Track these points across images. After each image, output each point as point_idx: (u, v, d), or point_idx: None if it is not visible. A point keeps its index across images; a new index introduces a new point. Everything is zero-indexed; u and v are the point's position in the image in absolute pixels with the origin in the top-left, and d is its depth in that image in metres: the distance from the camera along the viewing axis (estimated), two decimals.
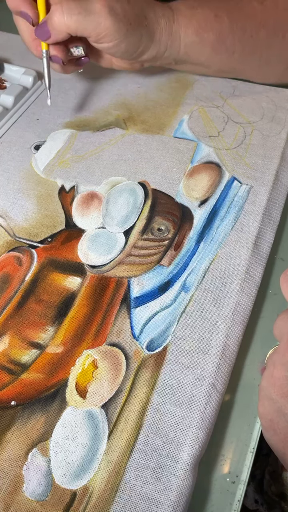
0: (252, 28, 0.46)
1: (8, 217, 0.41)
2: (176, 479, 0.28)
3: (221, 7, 0.45)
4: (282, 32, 0.47)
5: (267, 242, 0.40)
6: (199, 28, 0.45)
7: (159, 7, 0.44)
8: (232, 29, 0.46)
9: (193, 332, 0.34)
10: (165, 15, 0.44)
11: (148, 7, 0.44)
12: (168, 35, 0.45)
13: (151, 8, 0.44)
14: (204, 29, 0.45)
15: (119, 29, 0.41)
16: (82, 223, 0.41)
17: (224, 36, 0.46)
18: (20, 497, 0.28)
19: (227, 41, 0.46)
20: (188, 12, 0.45)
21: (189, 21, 0.45)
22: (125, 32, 0.42)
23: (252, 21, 0.46)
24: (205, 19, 0.45)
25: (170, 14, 0.45)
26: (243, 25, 0.46)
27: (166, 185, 0.44)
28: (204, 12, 0.45)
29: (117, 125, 0.50)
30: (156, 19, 0.44)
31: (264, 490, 0.40)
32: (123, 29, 0.42)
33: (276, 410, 0.26)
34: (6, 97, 0.51)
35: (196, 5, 0.45)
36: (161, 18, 0.44)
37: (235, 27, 0.46)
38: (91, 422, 0.30)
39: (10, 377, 0.32)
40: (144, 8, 0.43)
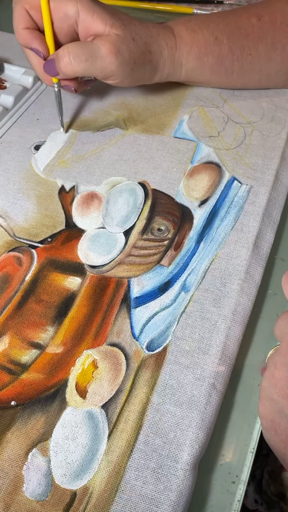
0: (250, 46, 0.47)
1: (8, 217, 0.41)
2: (176, 479, 0.28)
3: (220, 29, 0.46)
4: (281, 45, 0.47)
5: (267, 242, 0.40)
6: (199, 53, 0.46)
7: (162, 37, 0.45)
8: (231, 49, 0.47)
9: (193, 332, 0.34)
10: (168, 45, 0.45)
11: (152, 40, 0.44)
12: (170, 64, 0.46)
13: (154, 40, 0.44)
14: (204, 54, 0.46)
15: (124, 70, 0.43)
16: (82, 223, 0.41)
17: (223, 58, 0.47)
18: (20, 497, 0.28)
19: (226, 62, 0.47)
20: (189, 38, 0.46)
21: (190, 47, 0.46)
22: (129, 72, 0.44)
23: (251, 38, 0.47)
24: (205, 43, 0.46)
25: (173, 43, 0.45)
26: (241, 44, 0.47)
27: (166, 185, 0.44)
28: (205, 36, 0.46)
29: (117, 125, 0.50)
30: (159, 50, 0.45)
31: (264, 490, 0.40)
32: (128, 69, 0.43)
33: (277, 411, 0.26)
34: (6, 97, 0.51)
35: (197, 29, 0.46)
36: (164, 49, 0.45)
37: (234, 47, 0.46)
38: (91, 422, 0.30)
39: (10, 377, 0.32)
40: (148, 43, 0.44)
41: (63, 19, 0.42)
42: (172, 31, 0.46)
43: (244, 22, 0.47)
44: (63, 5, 0.41)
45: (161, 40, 0.45)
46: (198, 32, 0.46)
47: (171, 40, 0.45)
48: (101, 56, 0.41)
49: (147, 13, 0.69)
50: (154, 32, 0.45)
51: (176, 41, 0.46)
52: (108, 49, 0.41)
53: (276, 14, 0.47)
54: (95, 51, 0.41)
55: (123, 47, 0.42)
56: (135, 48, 0.43)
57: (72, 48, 0.41)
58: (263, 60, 0.48)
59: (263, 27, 0.46)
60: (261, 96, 0.52)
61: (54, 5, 0.41)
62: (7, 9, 0.43)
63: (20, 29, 0.43)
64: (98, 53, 0.41)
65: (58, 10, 0.41)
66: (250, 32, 0.46)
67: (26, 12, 0.42)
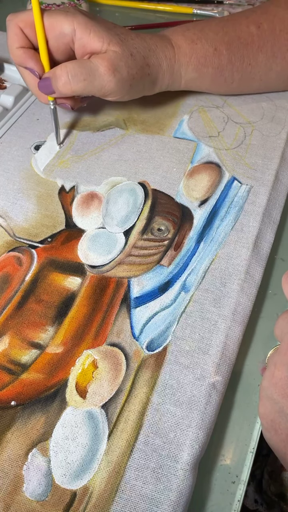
0: (250, 56, 0.46)
1: (8, 217, 0.41)
2: (176, 479, 0.28)
3: (220, 39, 0.45)
4: (281, 53, 0.47)
5: (267, 242, 0.40)
6: (198, 64, 0.46)
7: (160, 49, 0.44)
8: (231, 60, 0.46)
9: (193, 332, 0.34)
10: (167, 56, 0.44)
11: (150, 53, 0.43)
12: (170, 75, 0.46)
13: (153, 53, 0.43)
14: (204, 65, 0.46)
15: (123, 87, 0.42)
16: (82, 223, 0.41)
17: (223, 69, 0.47)
18: (20, 497, 0.28)
19: (226, 73, 0.47)
20: (188, 49, 0.45)
21: (189, 59, 0.45)
22: (128, 88, 0.43)
23: (251, 48, 0.46)
24: (204, 54, 0.45)
25: (172, 54, 0.45)
26: (241, 55, 0.46)
27: (166, 185, 0.44)
28: (204, 47, 0.45)
29: (117, 125, 0.50)
30: (158, 63, 0.44)
31: (264, 490, 0.40)
32: (127, 86, 0.42)
33: (278, 411, 0.26)
34: (6, 97, 0.51)
35: (196, 39, 0.45)
36: (163, 61, 0.44)
37: (234, 58, 0.46)
38: (91, 422, 0.30)
39: (10, 377, 0.32)
40: (146, 56, 0.43)
41: (59, 37, 0.41)
42: (170, 41, 0.45)
43: (244, 30, 0.46)
44: (59, 23, 0.40)
45: (160, 52, 0.44)
46: (197, 42, 0.45)
47: (170, 51, 0.45)
48: (100, 74, 0.40)
49: (147, 13, 0.69)
50: (151, 45, 0.44)
51: (174, 52, 0.45)
52: (106, 67, 0.40)
53: (275, 21, 0.46)
54: (94, 70, 0.40)
55: (121, 64, 0.41)
56: (133, 64, 0.42)
57: (70, 67, 0.40)
58: (263, 70, 0.48)
59: (263, 35, 0.46)
60: (261, 96, 0.52)
61: (49, 23, 0.40)
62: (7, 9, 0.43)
63: (15, 48, 0.42)
64: (96, 72, 0.40)
65: (53, 28, 0.40)
66: (250, 41, 0.46)
67: (20, 31, 0.41)
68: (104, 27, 0.41)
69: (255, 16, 0.47)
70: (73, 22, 0.40)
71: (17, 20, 0.41)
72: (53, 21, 0.40)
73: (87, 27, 0.40)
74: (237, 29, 0.46)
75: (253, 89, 0.51)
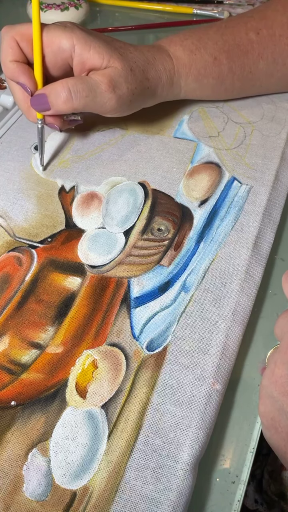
0: (251, 64, 0.46)
1: (8, 217, 0.41)
2: (176, 479, 0.28)
3: (219, 48, 0.45)
4: (281, 59, 0.46)
5: (267, 242, 0.40)
6: (198, 75, 0.45)
7: (159, 62, 0.43)
8: (231, 69, 0.46)
9: (193, 332, 0.34)
10: (166, 69, 0.44)
11: (149, 66, 0.42)
12: (169, 87, 0.45)
13: (151, 66, 0.43)
14: (204, 75, 0.45)
15: (124, 103, 0.42)
16: (82, 223, 0.41)
17: (224, 78, 0.46)
18: (20, 497, 0.28)
19: (227, 82, 0.47)
20: (187, 60, 0.44)
21: (189, 70, 0.45)
22: (128, 104, 0.42)
23: (251, 55, 0.46)
24: (204, 65, 0.45)
25: (171, 66, 0.44)
26: (241, 63, 0.46)
27: (166, 185, 0.44)
28: (203, 57, 0.44)
29: (117, 125, 0.50)
30: (158, 75, 0.43)
31: (264, 490, 0.40)
32: (127, 102, 0.42)
33: (278, 409, 0.26)
34: (6, 97, 0.51)
35: (195, 49, 0.44)
36: (162, 73, 0.43)
37: (234, 66, 0.46)
38: (91, 422, 0.30)
39: (10, 377, 0.32)
40: (146, 70, 0.42)
41: (57, 53, 0.40)
42: (167, 53, 0.44)
43: (243, 38, 0.45)
44: (57, 38, 0.39)
45: (158, 64, 0.43)
46: (196, 52, 0.44)
47: (168, 63, 0.44)
48: (101, 92, 0.39)
49: (147, 13, 0.69)
50: (150, 57, 0.43)
51: (173, 63, 0.44)
52: (106, 85, 0.39)
53: (274, 26, 0.46)
54: (95, 87, 0.39)
55: (120, 81, 0.40)
56: (133, 79, 0.41)
57: (72, 83, 0.39)
58: (264, 76, 0.47)
59: (263, 41, 0.46)
60: (261, 96, 0.52)
61: (48, 38, 0.39)
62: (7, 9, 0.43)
63: (8, 61, 0.40)
64: (97, 89, 0.39)
65: (51, 43, 0.39)
66: (250, 48, 0.45)
67: (16, 44, 0.39)
68: (103, 42, 0.40)
69: (254, 22, 0.46)
70: (72, 37, 0.39)
71: (13, 32, 0.39)
72: (52, 36, 0.39)
73: (87, 43, 0.39)
74: (236, 36, 0.46)
75: (253, 93, 0.51)
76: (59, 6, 0.62)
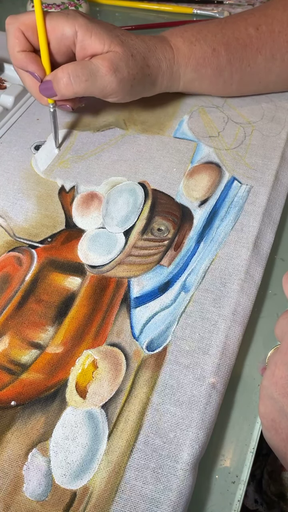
0: (249, 57, 0.46)
1: (8, 217, 0.41)
2: (176, 479, 0.28)
3: (218, 40, 0.46)
4: (280, 55, 0.47)
5: (267, 242, 0.40)
6: (197, 65, 0.46)
7: (160, 50, 0.44)
8: (230, 61, 0.46)
9: (193, 332, 0.34)
10: (166, 57, 0.45)
11: (150, 54, 0.44)
12: (169, 77, 0.46)
13: (152, 54, 0.44)
14: (202, 65, 0.46)
15: (124, 87, 0.43)
16: (82, 223, 0.41)
17: (222, 69, 0.47)
18: (20, 497, 0.28)
19: (225, 74, 0.47)
20: (187, 50, 0.45)
21: (188, 60, 0.45)
22: (129, 88, 0.43)
23: (249, 49, 0.46)
24: (203, 55, 0.45)
25: (171, 55, 0.45)
26: (240, 56, 0.46)
27: (166, 185, 0.44)
28: (202, 48, 0.45)
29: (117, 125, 0.50)
30: (158, 64, 0.44)
31: (264, 490, 0.40)
32: (128, 86, 0.43)
33: (278, 410, 0.26)
34: (6, 97, 0.51)
35: (194, 40, 0.45)
36: (162, 62, 0.45)
37: (233, 59, 0.46)
38: (91, 422, 0.30)
39: (10, 377, 0.32)
40: (146, 57, 0.43)
41: (60, 40, 0.41)
42: (168, 43, 0.45)
43: (242, 32, 0.46)
44: (60, 26, 0.40)
45: (159, 53, 0.44)
46: (196, 43, 0.45)
47: (169, 52, 0.45)
48: (101, 75, 0.41)
49: (147, 13, 0.69)
50: (151, 46, 0.44)
51: (173, 53, 0.45)
52: (107, 67, 0.40)
53: (274, 23, 0.46)
54: (95, 71, 0.40)
55: (121, 64, 0.41)
56: (134, 64, 0.42)
57: (71, 69, 0.40)
58: (263, 72, 0.48)
59: (261, 37, 0.46)
60: (261, 96, 0.52)
61: (51, 26, 0.40)
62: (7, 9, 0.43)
63: (16, 52, 0.41)
64: (97, 73, 0.40)
65: (55, 31, 0.40)
66: (249, 43, 0.46)
67: (21, 34, 0.41)
68: (104, 29, 0.41)
69: (254, 18, 0.47)
70: (75, 24, 0.40)
71: (18, 23, 0.41)
72: (55, 24, 0.40)
73: (88, 29, 0.40)
74: (236, 31, 0.46)
75: (252, 91, 0.51)
76: (59, 6, 0.62)
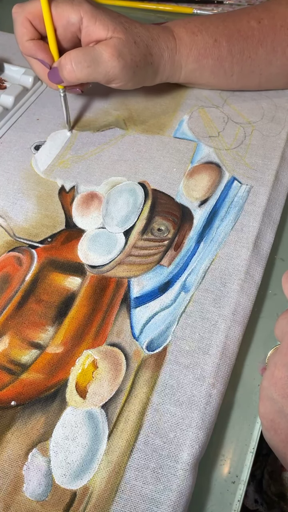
0: (250, 49, 0.47)
1: (8, 217, 0.41)
2: (176, 479, 0.28)
3: (220, 32, 0.46)
4: (281, 48, 0.47)
5: (267, 242, 0.40)
6: (198, 55, 0.46)
7: (162, 39, 0.45)
8: (231, 52, 0.47)
9: (193, 332, 0.34)
10: (169, 47, 0.45)
11: (153, 42, 0.44)
12: (171, 66, 0.47)
13: (155, 42, 0.44)
14: (204, 56, 0.46)
15: (127, 73, 0.43)
16: (82, 223, 0.41)
17: (223, 60, 0.47)
18: (20, 497, 0.28)
19: (226, 65, 0.47)
20: (189, 40, 0.46)
21: (189, 50, 0.46)
22: (132, 75, 0.44)
23: (251, 41, 0.47)
24: (204, 45, 0.46)
25: (173, 45, 0.46)
26: (241, 47, 0.47)
27: (166, 185, 0.44)
28: (204, 39, 0.46)
29: (117, 125, 0.50)
30: (160, 53, 0.45)
31: (264, 490, 0.40)
32: (131, 73, 0.43)
33: (277, 411, 0.26)
34: (6, 97, 0.51)
35: (197, 31, 0.46)
36: (165, 51, 0.45)
37: (234, 50, 0.47)
38: (91, 422, 0.30)
39: (10, 377, 0.32)
40: (149, 45, 0.44)
41: (66, 27, 0.42)
42: (172, 32, 0.46)
43: (244, 25, 0.47)
44: (66, 13, 0.41)
45: (162, 42, 0.45)
46: (198, 34, 0.46)
47: (171, 42, 0.46)
48: (104, 61, 0.41)
49: (147, 13, 0.69)
50: (154, 34, 0.45)
51: (176, 43, 0.46)
52: (110, 53, 0.41)
53: (276, 17, 0.47)
54: (97, 56, 0.41)
55: (125, 51, 0.42)
56: (137, 51, 0.43)
57: (74, 55, 0.41)
58: (263, 64, 0.48)
59: (263, 30, 0.47)
60: (261, 96, 0.52)
61: (57, 13, 0.41)
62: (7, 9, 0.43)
63: (25, 41, 0.43)
64: (100, 58, 0.41)
65: (61, 18, 0.41)
66: (250, 35, 0.46)
67: (29, 23, 0.42)
68: (109, 16, 0.42)
69: (256, 12, 0.47)
70: (80, 11, 0.41)
71: (25, 12, 0.42)
72: (60, 11, 0.41)
73: (93, 16, 0.41)
74: (238, 23, 0.47)
75: (254, 84, 0.51)
76: None
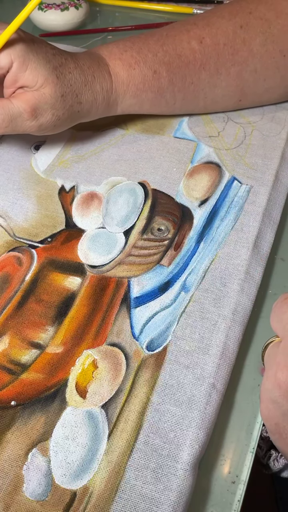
0: (192, 75, 0.44)
1: (8, 217, 0.41)
2: (176, 479, 0.28)
3: (159, 60, 0.43)
4: (225, 69, 0.44)
5: (267, 242, 0.40)
6: (137, 90, 0.43)
7: (98, 81, 0.42)
8: (172, 81, 0.44)
9: (193, 332, 0.34)
10: (104, 89, 0.42)
11: (86, 88, 0.41)
12: (105, 106, 0.44)
13: (88, 87, 0.41)
14: (142, 90, 0.44)
15: (46, 128, 0.41)
16: (82, 223, 0.41)
17: (163, 91, 0.44)
18: (20, 497, 0.28)
19: (167, 95, 0.45)
20: (126, 75, 0.43)
21: (126, 87, 0.43)
22: (52, 128, 0.42)
23: (192, 66, 0.44)
24: (143, 79, 0.43)
25: (109, 85, 0.43)
26: (183, 74, 0.44)
27: (166, 185, 0.44)
28: (142, 72, 0.43)
29: (117, 125, 0.50)
30: (93, 97, 0.42)
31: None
32: (50, 127, 0.41)
33: (282, 414, 0.25)
34: None
35: (134, 63, 0.43)
36: (99, 95, 0.42)
37: (175, 79, 0.44)
38: (91, 422, 0.30)
39: (10, 377, 0.32)
40: (80, 93, 0.41)
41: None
42: (107, 68, 0.42)
43: (185, 47, 0.43)
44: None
45: (97, 84, 0.42)
46: (135, 67, 0.43)
47: (107, 82, 0.42)
48: (22, 119, 0.39)
49: (147, 13, 0.69)
50: (89, 77, 0.41)
51: (112, 81, 0.43)
52: (29, 113, 0.39)
53: (218, 34, 0.43)
54: (16, 116, 0.39)
55: (46, 108, 0.39)
56: (61, 106, 0.40)
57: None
58: (207, 87, 0.45)
59: (205, 52, 0.43)
60: None
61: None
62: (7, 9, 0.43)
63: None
64: (19, 118, 0.39)
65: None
66: (192, 59, 0.43)
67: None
68: (42, 61, 0.39)
69: (197, 30, 0.44)
70: (10, 54, 0.37)
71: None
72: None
73: (25, 63, 0.38)
74: (178, 46, 0.43)
75: (199, 108, 0.48)
76: (59, 6, 0.62)
